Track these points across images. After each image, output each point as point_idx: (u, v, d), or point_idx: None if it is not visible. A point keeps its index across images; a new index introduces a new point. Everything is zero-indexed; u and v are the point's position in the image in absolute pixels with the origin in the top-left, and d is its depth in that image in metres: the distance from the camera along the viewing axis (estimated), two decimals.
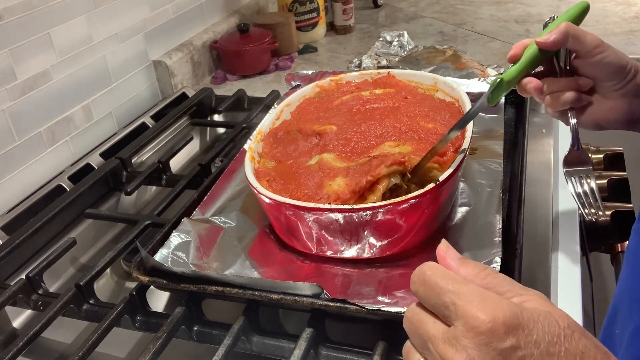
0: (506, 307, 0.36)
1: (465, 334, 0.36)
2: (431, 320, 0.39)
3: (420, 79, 0.88)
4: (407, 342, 0.42)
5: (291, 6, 1.52)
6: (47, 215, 0.86)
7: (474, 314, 0.36)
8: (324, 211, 0.64)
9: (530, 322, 0.36)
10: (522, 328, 0.36)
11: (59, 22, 1.01)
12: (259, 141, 0.80)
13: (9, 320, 0.79)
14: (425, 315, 0.40)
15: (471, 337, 0.36)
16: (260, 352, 0.66)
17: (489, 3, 1.69)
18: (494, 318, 0.36)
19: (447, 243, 0.43)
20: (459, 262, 0.42)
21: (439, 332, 0.38)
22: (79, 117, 1.07)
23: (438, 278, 0.39)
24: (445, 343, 0.37)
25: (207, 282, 0.65)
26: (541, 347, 0.36)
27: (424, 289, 0.40)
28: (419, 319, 0.40)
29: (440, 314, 0.39)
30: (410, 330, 0.41)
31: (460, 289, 0.38)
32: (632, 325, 0.47)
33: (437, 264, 0.41)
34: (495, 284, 0.39)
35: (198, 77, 1.37)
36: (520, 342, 0.35)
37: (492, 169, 0.79)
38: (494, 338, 0.35)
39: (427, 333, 0.39)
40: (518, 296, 0.39)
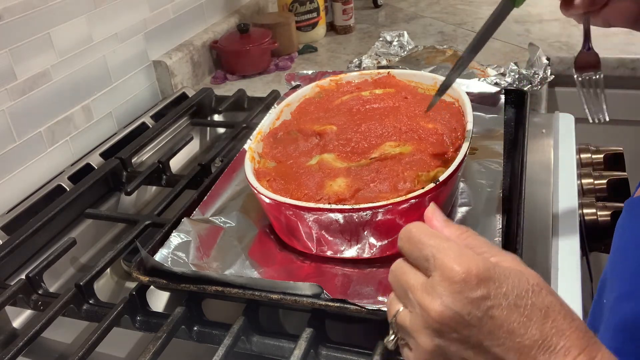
0: (480, 262, 0.40)
1: (441, 282, 0.40)
2: (412, 272, 0.43)
3: (420, 79, 0.88)
4: (391, 294, 0.45)
5: (291, 6, 1.52)
6: (47, 215, 0.86)
7: (450, 265, 0.40)
8: (324, 211, 0.64)
9: (501, 277, 0.39)
10: (493, 281, 0.39)
11: (59, 22, 1.01)
12: (259, 141, 0.80)
13: (9, 320, 0.79)
14: (408, 268, 0.44)
15: (446, 286, 0.40)
16: (260, 352, 0.66)
17: (489, 3, 1.69)
18: (467, 270, 0.39)
19: (434, 206, 0.47)
20: (443, 223, 0.46)
21: (418, 282, 0.42)
22: (79, 117, 1.07)
23: (421, 234, 0.43)
24: (422, 291, 0.41)
25: (207, 282, 0.65)
26: (509, 299, 0.39)
27: (409, 245, 0.44)
28: (402, 272, 0.44)
29: (421, 267, 0.43)
30: (393, 282, 0.45)
31: (440, 244, 0.42)
32: (615, 294, 0.50)
33: (422, 223, 0.45)
34: (475, 245, 0.43)
35: (198, 77, 1.37)
36: (491, 293, 0.39)
37: (492, 169, 0.79)
38: (467, 287, 0.39)
39: (407, 283, 0.43)
40: (495, 256, 0.42)
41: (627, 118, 1.33)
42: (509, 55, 1.31)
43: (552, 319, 0.39)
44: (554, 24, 1.49)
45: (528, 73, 1.08)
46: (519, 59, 1.25)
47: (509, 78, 1.08)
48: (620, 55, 1.25)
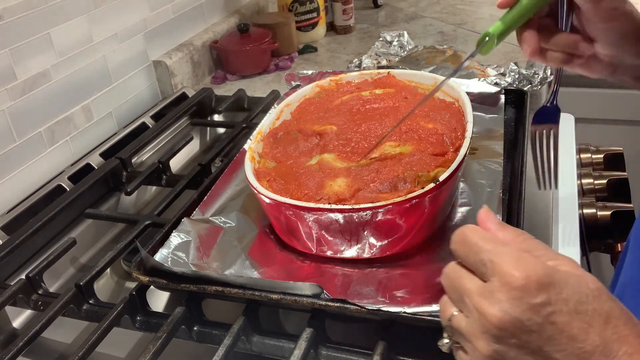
0: (540, 267, 0.39)
1: (500, 288, 0.39)
2: (468, 276, 0.42)
3: (420, 79, 0.88)
4: (443, 297, 0.45)
5: (291, 6, 1.52)
6: (47, 215, 0.86)
7: (509, 270, 0.39)
8: (324, 211, 0.64)
9: (561, 282, 0.39)
10: (553, 286, 0.38)
11: (59, 22, 1.01)
12: (259, 141, 0.80)
13: (9, 320, 0.79)
14: (464, 272, 0.43)
15: (505, 292, 0.39)
16: (260, 352, 0.66)
17: (489, 3, 1.69)
18: (527, 275, 0.38)
19: (488, 209, 0.46)
20: (498, 226, 0.45)
21: (475, 286, 0.41)
22: (79, 117, 1.07)
23: (477, 238, 0.42)
24: (480, 296, 0.40)
25: (207, 282, 0.65)
26: (570, 305, 0.38)
27: (463, 248, 0.43)
28: (457, 275, 0.43)
29: (477, 271, 0.42)
30: (448, 286, 0.44)
31: (497, 249, 0.41)
32: None
33: (476, 226, 0.44)
34: (532, 248, 0.42)
35: (198, 77, 1.37)
36: (551, 298, 0.38)
37: (492, 169, 0.79)
38: (526, 293, 0.38)
39: (463, 287, 0.42)
40: (552, 260, 0.41)
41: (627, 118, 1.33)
42: (509, 55, 1.31)
43: (613, 324, 0.38)
44: None
45: (528, 73, 1.08)
46: (519, 59, 1.25)
47: (509, 78, 1.08)
48: None
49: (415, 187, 0.66)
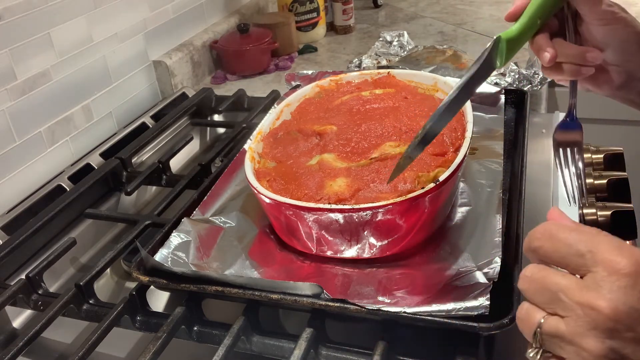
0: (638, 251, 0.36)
1: (608, 277, 0.36)
2: (559, 273, 0.39)
3: (420, 79, 0.88)
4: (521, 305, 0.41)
5: (291, 6, 1.52)
6: (47, 215, 0.86)
7: (614, 258, 0.36)
8: (324, 211, 0.64)
9: None
10: None
11: (59, 22, 1.01)
12: (259, 141, 0.80)
13: (9, 320, 0.79)
14: (551, 271, 0.40)
15: (614, 280, 0.36)
16: (260, 352, 0.66)
17: (489, 3, 1.69)
18: (636, 261, 0.36)
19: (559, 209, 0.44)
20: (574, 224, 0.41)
21: (572, 281, 0.38)
22: (79, 117, 1.07)
23: (567, 231, 0.39)
24: (583, 290, 0.37)
25: (207, 282, 0.65)
26: None
27: (552, 243, 0.40)
28: (543, 275, 0.40)
29: (571, 265, 0.39)
30: (532, 289, 0.40)
31: (593, 238, 0.38)
32: None
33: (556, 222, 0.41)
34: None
35: (198, 77, 1.37)
36: None
37: (492, 169, 0.79)
38: (638, 280, 0.35)
39: (558, 285, 0.39)
40: None
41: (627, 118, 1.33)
42: None
43: None
44: None
45: (528, 73, 1.08)
46: (519, 59, 1.25)
47: (509, 78, 1.08)
48: None
49: (415, 187, 0.66)
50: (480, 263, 0.63)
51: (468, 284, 0.61)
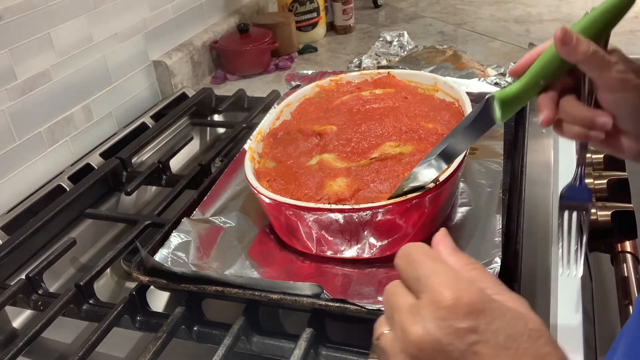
0: (475, 291, 0.36)
1: (427, 306, 0.37)
2: (404, 293, 0.40)
3: (420, 79, 0.88)
4: (382, 315, 0.43)
5: (291, 6, 1.52)
6: (47, 215, 0.86)
7: (440, 289, 0.37)
8: (324, 211, 0.64)
9: (495, 313, 0.36)
10: (484, 315, 0.36)
11: (59, 22, 1.01)
12: (259, 141, 0.80)
13: (9, 320, 0.79)
14: (401, 289, 0.41)
15: (431, 310, 0.36)
16: (260, 352, 0.66)
17: (489, 3, 1.69)
18: (458, 297, 0.36)
19: (445, 232, 0.44)
20: (451, 250, 0.42)
21: (406, 303, 0.39)
22: (79, 117, 1.07)
23: (420, 254, 0.40)
24: (407, 313, 0.38)
25: (207, 282, 0.65)
26: (499, 338, 0.35)
27: (405, 263, 0.41)
28: (393, 292, 0.41)
29: (412, 288, 0.40)
30: (384, 303, 0.42)
31: (436, 267, 0.39)
32: None
33: (425, 245, 0.42)
34: (479, 279, 0.39)
35: (198, 77, 1.37)
36: (479, 327, 0.35)
37: (492, 169, 0.79)
38: (453, 315, 0.36)
39: (396, 304, 0.40)
40: (498, 295, 0.38)
41: None
42: (509, 55, 1.32)
43: None
44: (554, 24, 1.48)
45: None
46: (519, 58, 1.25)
47: (509, 78, 1.08)
48: None
49: None
50: (480, 263, 0.63)
51: None
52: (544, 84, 0.55)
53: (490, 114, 0.56)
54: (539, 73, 0.55)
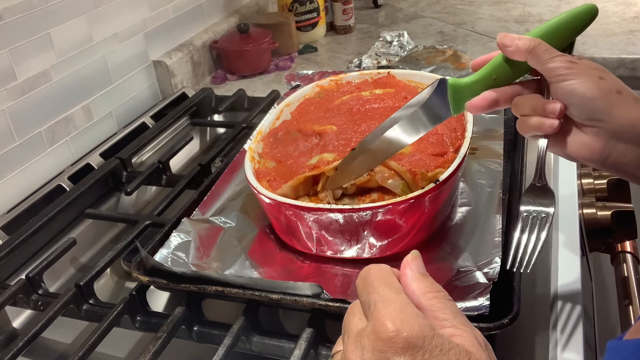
0: (417, 325, 0.36)
1: (369, 335, 0.36)
2: (358, 315, 0.40)
3: (420, 79, 0.88)
4: None
5: (291, 6, 1.52)
6: (47, 215, 0.86)
7: (383, 319, 0.36)
8: (324, 211, 0.64)
9: (435, 350, 0.35)
10: (423, 351, 0.35)
11: (59, 22, 1.01)
12: (259, 141, 0.80)
13: (9, 320, 0.79)
14: (358, 310, 0.40)
15: (371, 340, 0.36)
16: (260, 352, 0.66)
17: (489, 3, 1.69)
18: (397, 330, 0.35)
19: (416, 254, 0.43)
20: (417, 275, 0.41)
21: (356, 328, 0.39)
22: (79, 117, 1.07)
23: (377, 279, 0.39)
24: (353, 338, 0.38)
25: (207, 282, 0.65)
26: None
27: (362, 285, 0.40)
28: (351, 312, 0.41)
29: (365, 312, 0.39)
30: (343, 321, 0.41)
31: (387, 295, 0.38)
32: None
33: (386, 268, 0.41)
34: (438, 309, 0.39)
35: (198, 77, 1.37)
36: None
37: (492, 169, 0.79)
38: (391, 349, 0.35)
39: (348, 325, 0.40)
40: (453, 328, 0.38)
41: None
42: None
43: None
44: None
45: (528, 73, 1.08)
46: None
47: None
48: (620, 55, 1.25)
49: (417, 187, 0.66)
50: (480, 263, 0.63)
51: (468, 284, 0.61)
52: (497, 80, 0.59)
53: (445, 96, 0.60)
54: (492, 69, 0.59)
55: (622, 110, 0.54)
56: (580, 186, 0.92)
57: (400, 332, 0.35)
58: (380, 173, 0.69)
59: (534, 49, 0.56)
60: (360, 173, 0.68)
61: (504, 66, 0.59)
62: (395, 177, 0.69)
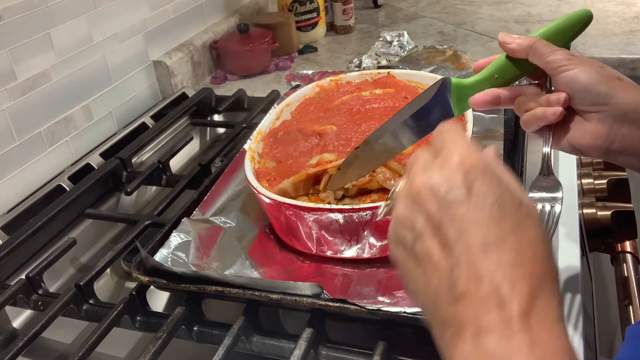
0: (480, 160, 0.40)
1: (437, 164, 0.41)
2: (426, 154, 0.44)
3: (420, 79, 0.88)
4: None
5: (291, 6, 1.52)
6: (47, 215, 0.86)
7: (452, 153, 0.41)
8: (324, 211, 0.64)
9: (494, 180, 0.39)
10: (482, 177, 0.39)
11: (59, 22, 1.01)
12: (259, 141, 0.80)
13: (9, 320, 0.79)
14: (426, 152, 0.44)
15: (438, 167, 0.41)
16: (260, 352, 0.66)
17: (489, 3, 1.69)
18: (463, 160, 0.40)
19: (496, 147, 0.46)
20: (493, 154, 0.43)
21: (423, 161, 0.43)
22: (79, 117, 1.07)
23: (451, 131, 0.44)
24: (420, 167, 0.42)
25: (207, 282, 0.65)
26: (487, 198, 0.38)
27: (437, 133, 0.45)
28: (420, 153, 0.44)
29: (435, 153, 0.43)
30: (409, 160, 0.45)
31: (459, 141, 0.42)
32: None
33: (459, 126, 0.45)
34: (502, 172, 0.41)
35: (198, 77, 1.37)
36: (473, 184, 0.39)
37: None
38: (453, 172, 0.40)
39: (416, 160, 0.44)
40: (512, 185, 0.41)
41: None
42: None
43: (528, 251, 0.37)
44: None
45: None
46: None
47: None
48: (620, 55, 1.25)
49: None
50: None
51: None
52: (499, 79, 0.61)
53: (448, 96, 0.61)
54: (494, 68, 0.61)
55: (624, 94, 0.55)
56: (580, 186, 0.92)
57: (465, 162, 0.40)
58: (382, 174, 0.69)
59: (534, 45, 0.58)
60: (362, 174, 0.68)
61: (505, 65, 0.61)
62: (396, 178, 0.69)
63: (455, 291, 0.37)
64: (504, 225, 0.37)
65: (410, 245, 0.41)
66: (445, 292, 0.38)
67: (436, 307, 0.39)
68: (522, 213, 0.38)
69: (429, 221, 0.40)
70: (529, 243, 0.37)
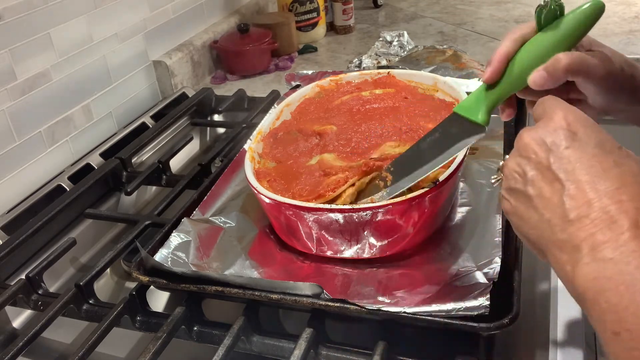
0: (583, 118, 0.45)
1: (541, 124, 0.47)
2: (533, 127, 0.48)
3: (420, 79, 0.88)
4: None
5: (291, 6, 1.52)
6: (47, 215, 0.86)
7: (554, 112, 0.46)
8: (324, 211, 0.64)
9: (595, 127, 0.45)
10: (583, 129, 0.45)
11: (59, 22, 1.01)
12: (259, 141, 0.80)
13: (9, 320, 0.79)
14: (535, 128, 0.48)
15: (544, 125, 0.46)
16: (260, 352, 0.66)
17: (489, 3, 1.69)
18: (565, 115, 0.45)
19: None
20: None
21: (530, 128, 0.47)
22: (79, 117, 1.07)
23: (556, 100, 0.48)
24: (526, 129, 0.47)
25: (207, 282, 0.65)
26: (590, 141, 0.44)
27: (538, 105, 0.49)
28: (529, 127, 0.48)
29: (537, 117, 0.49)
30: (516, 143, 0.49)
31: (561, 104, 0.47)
32: None
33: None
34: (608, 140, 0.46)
35: (198, 77, 1.37)
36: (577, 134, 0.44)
37: (492, 169, 0.79)
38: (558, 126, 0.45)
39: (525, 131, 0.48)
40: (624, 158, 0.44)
41: None
42: None
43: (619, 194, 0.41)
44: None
45: None
46: None
47: None
48: None
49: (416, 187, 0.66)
50: (480, 263, 0.63)
51: (468, 284, 0.61)
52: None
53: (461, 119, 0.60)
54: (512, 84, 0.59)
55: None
56: None
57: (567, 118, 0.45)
58: None
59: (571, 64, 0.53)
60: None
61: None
62: None
63: (568, 217, 0.42)
64: (607, 161, 0.43)
65: (522, 191, 0.46)
66: (558, 220, 0.43)
67: (551, 236, 0.44)
68: (622, 152, 0.44)
69: (539, 166, 0.45)
70: (630, 173, 0.42)
